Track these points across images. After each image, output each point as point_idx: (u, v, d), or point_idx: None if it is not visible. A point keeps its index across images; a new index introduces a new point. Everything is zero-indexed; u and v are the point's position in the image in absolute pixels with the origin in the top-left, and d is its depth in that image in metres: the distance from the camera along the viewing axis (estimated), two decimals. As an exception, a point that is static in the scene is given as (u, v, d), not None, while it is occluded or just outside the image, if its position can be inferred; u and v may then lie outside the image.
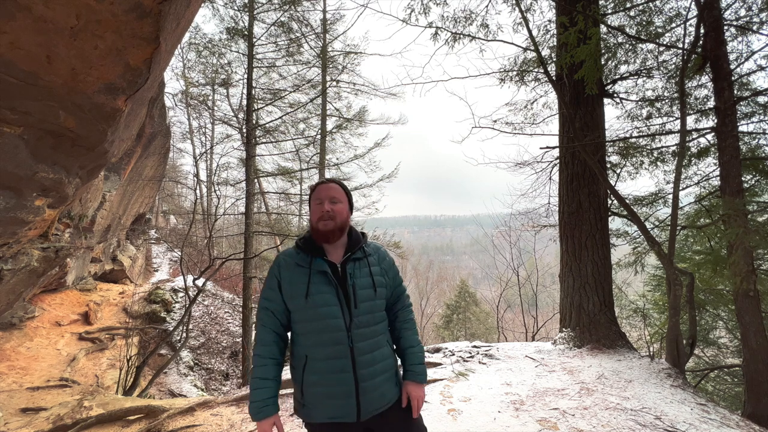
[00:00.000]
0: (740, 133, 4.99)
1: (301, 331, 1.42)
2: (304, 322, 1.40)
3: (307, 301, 1.38)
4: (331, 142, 15.12)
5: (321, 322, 1.37)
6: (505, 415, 2.97)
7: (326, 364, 1.37)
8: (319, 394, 1.37)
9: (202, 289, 8.04)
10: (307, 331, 1.40)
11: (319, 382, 1.37)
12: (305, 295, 1.38)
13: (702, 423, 2.82)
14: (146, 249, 15.25)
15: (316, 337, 1.38)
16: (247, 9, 8.27)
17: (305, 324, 1.40)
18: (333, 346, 1.37)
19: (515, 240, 11.94)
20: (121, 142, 3.95)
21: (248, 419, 3.16)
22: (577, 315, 5.08)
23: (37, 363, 6.24)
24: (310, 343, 1.39)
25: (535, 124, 7.03)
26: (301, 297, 1.39)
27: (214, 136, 18.57)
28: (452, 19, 5.48)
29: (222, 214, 11.90)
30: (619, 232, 6.72)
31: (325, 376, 1.37)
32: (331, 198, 1.47)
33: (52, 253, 4.72)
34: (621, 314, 6.71)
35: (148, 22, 2.13)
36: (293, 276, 1.42)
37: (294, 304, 1.41)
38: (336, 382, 1.36)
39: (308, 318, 1.39)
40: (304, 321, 1.40)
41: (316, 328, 1.38)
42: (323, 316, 1.37)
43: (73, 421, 3.47)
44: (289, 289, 1.41)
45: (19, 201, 2.86)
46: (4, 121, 2.29)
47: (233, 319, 10.99)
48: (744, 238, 4.13)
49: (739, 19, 5.29)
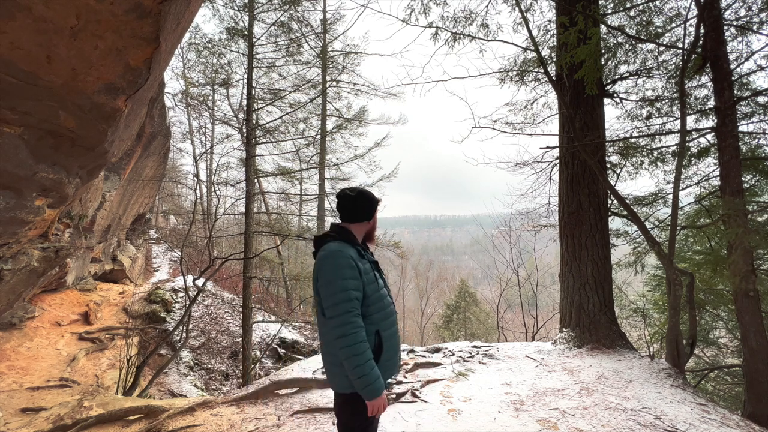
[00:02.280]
0: (740, 133, 4.99)
1: (374, 312, 1.67)
2: (377, 304, 1.68)
3: (379, 288, 1.72)
4: (331, 142, 15.13)
5: (386, 304, 1.73)
6: (505, 415, 2.97)
7: (393, 338, 1.73)
8: (389, 362, 1.70)
9: (202, 289, 8.04)
10: (378, 310, 1.68)
11: (388, 352, 1.69)
12: (376, 281, 1.71)
13: (702, 423, 2.82)
14: (146, 249, 15.26)
15: (384, 315, 1.70)
16: (247, 9, 8.27)
17: (377, 305, 1.68)
18: (394, 323, 1.77)
19: (515, 240, 11.94)
20: (121, 142, 3.95)
21: (248, 419, 3.17)
22: (577, 315, 5.08)
23: (37, 363, 6.24)
24: (381, 320, 1.69)
25: (535, 124, 7.04)
26: (374, 283, 1.70)
27: (214, 136, 18.58)
28: (452, 19, 5.48)
29: (222, 214, 11.91)
30: (619, 232, 6.72)
31: (393, 347, 1.71)
32: None
33: (52, 253, 4.72)
34: (621, 314, 6.71)
35: (148, 22, 2.13)
36: (364, 266, 1.68)
37: (369, 290, 1.66)
38: (396, 352, 1.74)
39: (378, 300, 1.69)
40: (376, 303, 1.68)
41: (384, 308, 1.71)
42: (386, 298, 1.75)
43: (73, 421, 3.47)
44: (365, 277, 1.65)
45: (19, 201, 2.86)
46: (4, 121, 2.29)
47: (233, 319, 10.99)
48: (744, 238, 4.13)
49: (739, 19, 5.29)
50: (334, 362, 1.64)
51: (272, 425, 3.01)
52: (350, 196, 1.77)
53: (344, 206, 1.78)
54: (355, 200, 1.77)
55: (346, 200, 1.77)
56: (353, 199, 1.77)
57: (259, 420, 3.13)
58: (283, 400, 3.51)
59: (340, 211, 1.80)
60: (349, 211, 1.78)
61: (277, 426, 3.00)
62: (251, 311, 8.13)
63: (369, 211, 1.80)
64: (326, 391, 3.63)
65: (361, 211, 1.78)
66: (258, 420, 3.13)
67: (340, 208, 1.79)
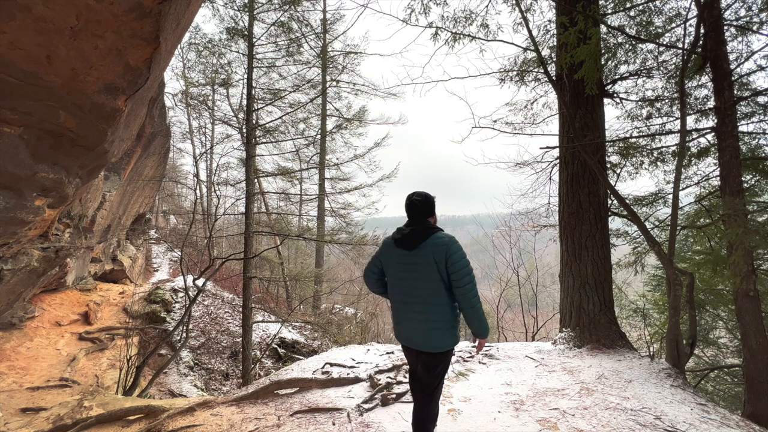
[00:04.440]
0: (740, 133, 4.99)
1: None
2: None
3: None
4: (331, 142, 15.13)
5: None
6: (505, 415, 2.97)
7: None
8: None
9: (202, 289, 8.04)
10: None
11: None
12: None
13: (702, 423, 2.82)
14: (146, 249, 15.25)
15: None
16: (247, 9, 8.26)
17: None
18: None
19: (515, 240, 11.93)
20: (121, 142, 3.95)
21: (248, 419, 3.17)
22: (577, 315, 5.08)
23: (37, 363, 6.24)
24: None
25: (535, 124, 7.03)
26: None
27: (214, 136, 18.58)
28: (452, 19, 5.48)
29: (222, 214, 11.90)
30: (619, 232, 6.71)
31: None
32: None
33: (52, 253, 4.72)
34: (621, 314, 6.70)
35: (148, 22, 2.13)
36: None
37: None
38: None
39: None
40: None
41: None
42: None
43: (73, 421, 3.47)
44: None
45: (19, 201, 2.86)
46: (4, 121, 2.29)
47: (233, 319, 10.99)
48: (744, 238, 4.13)
49: (739, 19, 5.29)
50: (444, 326, 2.18)
51: (272, 425, 3.01)
52: (421, 200, 2.29)
53: (421, 209, 2.29)
54: (427, 202, 2.31)
55: (421, 204, 2.29)
56: (426, 202, 2.30)
57: (259, 420, 3.13)
58: (283, 400, 3.51)
59: (419, 214, 2.29)
60: (425, 211, 2.29)
61: (277, 426, 3.00)
62: (251, 311, 8.13)
63: (434, 208, 2.37)
64: (326, 391, 3.63)
65: (432, 208, 2.34)
66: (258, 420, 3.13)
67: (418, 212, 2.29)
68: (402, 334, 2.31)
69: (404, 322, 2.27)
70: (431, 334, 2.18)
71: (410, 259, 2.21)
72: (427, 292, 2.17)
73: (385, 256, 2.37)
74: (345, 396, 3.49)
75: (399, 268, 2.27)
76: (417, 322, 2.21)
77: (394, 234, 2.34)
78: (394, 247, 2.30)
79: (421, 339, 2.21)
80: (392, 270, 2.32)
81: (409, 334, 2.26)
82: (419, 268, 2.18)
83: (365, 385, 3.71)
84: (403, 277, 2.25)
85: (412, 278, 2.21)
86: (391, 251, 2.32)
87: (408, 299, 2.23)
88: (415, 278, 2.19)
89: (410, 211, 2.31)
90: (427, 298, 2.17)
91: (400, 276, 2.27)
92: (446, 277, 2.15)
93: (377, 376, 3.76)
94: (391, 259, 2.32)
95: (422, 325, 2.19)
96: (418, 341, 2.22)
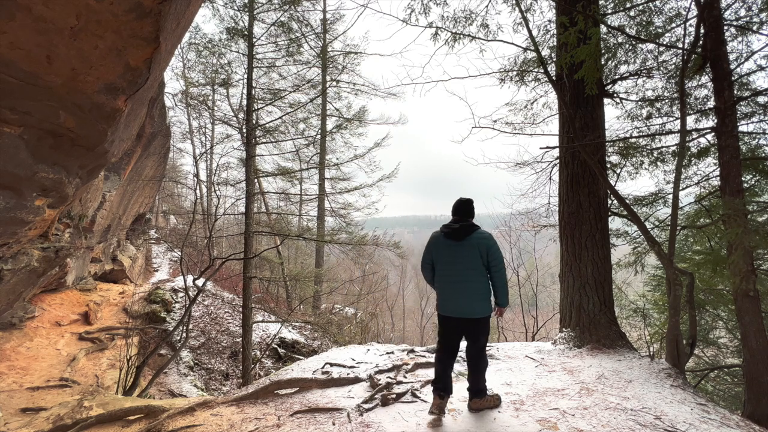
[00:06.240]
0: (740, 133, 4.99)
1: None
2: None
3: None
4: (331, 142, 15.13)
5: None
6: (505, 415, 2.97)
7: None
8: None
9: (202, 289, 8.04)
10: None
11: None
12: None
13: (702, 423, 2.82)
14: (146, 249, 15.25)
15: None
16: (247, 9, 8.26)
17: None
18: None
19: (515, 240, 11.95)
20: (121, 142, 3.95)
21: (248, 419, 3.17)
22: (577, 315, 5.08)
23: (37, 363, 6.24)
24: None
25: (535, 124, 7.03)
26: None
27: (214, 136, 18.58)
28: (452, 19, 5.47)
29: (222, 214, 11.90)
30: (619, 232, 6.71)
31: None
32: None
33: (52, 253, 4.72)
34: (621, 314, 6.70)
35: (148, 22, 2.13)
36: None
37: None
38: None
39: None
40: None
41: None
42: None
43: (73, 421, 3.47)
44: None
45: (19, 201, 2.86)
46: (4, 121, 2.28)
47: (233, 319, 10.98)
48: (744, 238, 4.13)
49: (739, 19, 5.28)
50: (484, 297, 2.89)
51: (272, 425, 3.01)
52: (468, 204, 3.04)
53: (468, 210, 3.03)
54: (471, 207, 3.05)
55: (469, 206, 3.04)
56: (471, 206, 3.04)
57: (259, 420, 3.13)
58: (283, 400, 3.51)
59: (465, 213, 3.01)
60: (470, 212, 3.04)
61: (277, 426, 3.00)
62: (251, 311, 8.13)
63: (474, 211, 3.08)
64: (326, 391, 3.63)
65: (473, 211, 3.07)
66: (258, 420, 3.13)
67: (465, 212, 3.01)
68: (450, 307, 2.92)
69: (453, 296, 2.89)
70: (476, 304, 2.86)
71: (458, 247, 2.90)
72: (471, 273, 2.86)
73: (434, 246, 3.01)
74: (345, 396, 3.49)
75: (448, 253, 2.93)
76: (463, 296, 2.86)
77: (442, 228, 3.01)
78: (443, 238, 2.97)
79: (469, 308, 2.86)
80: (442, 256, 2.96)
81: (458, 304, 2.89)
82: (466, 254, 2.87)
83: (365, 385, 3.71)
84: (451, 261, 2.91)
85: (460, 262, 2.88)
86: (440, 242, 2.98)
87: (457, 278, 2.88)
88: (462, 262, 2.88)
89: (459, 211, 3.01)
90: (472, 276, 2.86)
91: (449, 261, 2.92)
92: (486, 262, 2.88)
93: (377, 376, 3.76)
94: (440, 249, 2.97)
95: (468, 296, 2.86)
96: (466, 310, 2.87)
